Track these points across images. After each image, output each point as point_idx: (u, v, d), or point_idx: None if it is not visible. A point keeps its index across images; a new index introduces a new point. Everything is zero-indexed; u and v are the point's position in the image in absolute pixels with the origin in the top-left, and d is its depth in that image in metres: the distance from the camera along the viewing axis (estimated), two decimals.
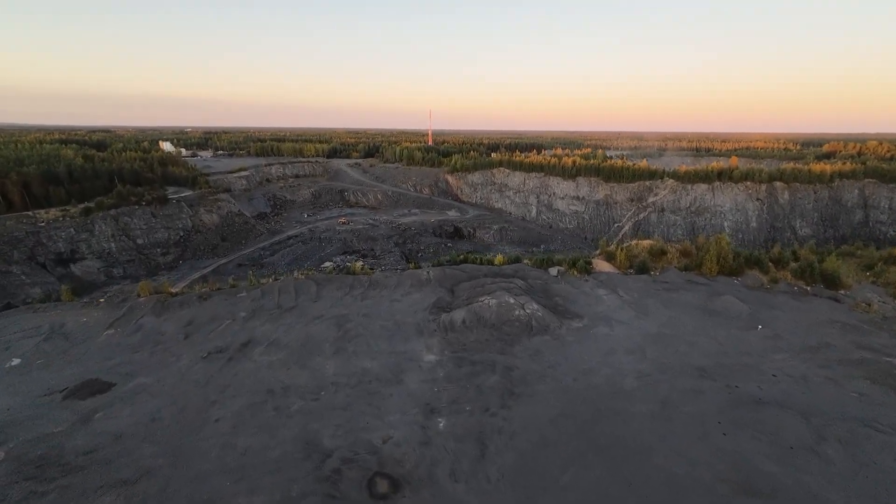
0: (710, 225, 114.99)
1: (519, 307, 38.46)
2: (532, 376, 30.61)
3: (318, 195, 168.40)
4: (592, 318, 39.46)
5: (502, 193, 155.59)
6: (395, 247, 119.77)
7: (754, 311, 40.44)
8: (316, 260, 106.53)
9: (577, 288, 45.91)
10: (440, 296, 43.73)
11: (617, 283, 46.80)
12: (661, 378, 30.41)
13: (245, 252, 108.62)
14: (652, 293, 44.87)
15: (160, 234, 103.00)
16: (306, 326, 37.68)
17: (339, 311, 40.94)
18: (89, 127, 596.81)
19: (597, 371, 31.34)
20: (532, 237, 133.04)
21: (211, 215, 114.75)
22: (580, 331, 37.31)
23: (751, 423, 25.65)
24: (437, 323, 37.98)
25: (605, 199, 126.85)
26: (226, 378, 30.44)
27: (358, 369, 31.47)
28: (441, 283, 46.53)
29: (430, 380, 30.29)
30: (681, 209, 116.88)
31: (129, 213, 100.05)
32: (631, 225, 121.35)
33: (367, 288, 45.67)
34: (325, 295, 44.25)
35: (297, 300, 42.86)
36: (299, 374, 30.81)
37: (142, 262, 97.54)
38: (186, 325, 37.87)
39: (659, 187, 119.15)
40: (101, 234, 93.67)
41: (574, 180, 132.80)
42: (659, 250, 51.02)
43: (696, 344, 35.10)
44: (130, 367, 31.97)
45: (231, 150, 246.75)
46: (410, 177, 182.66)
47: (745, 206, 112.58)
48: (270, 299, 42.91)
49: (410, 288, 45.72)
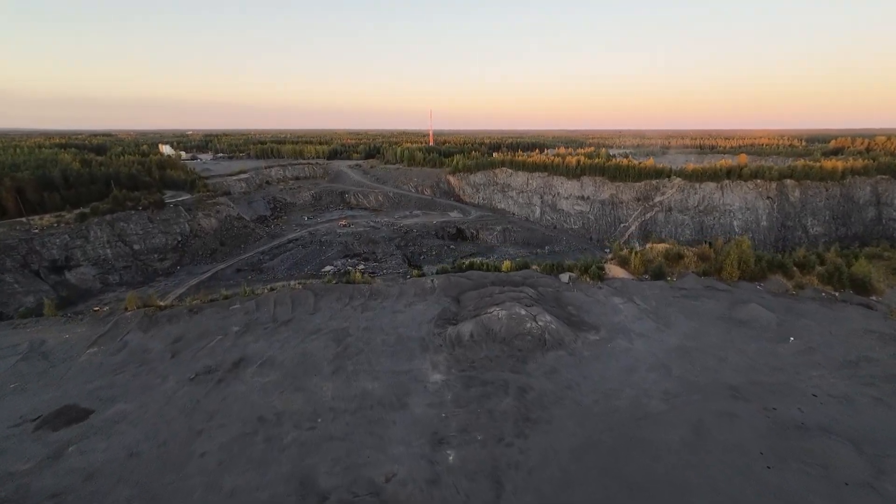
0: (718, 224, 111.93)
1: (530, 319, 35.69)
2: (549, 398, 27.84)
3: (318, 197, 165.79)
4: (610, 330, 36.66)
5: (505, 194, 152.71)
6: (396, 249, 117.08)
7: (783, 321, 37.57)
8: (316, 264, 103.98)
9: (590, 296, 43.10)
10: (445, 306, 41.00)
11: (633, 291, 43.99)
12: (691, 399, 27.61)
13: (244, 257, 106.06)
14: (671, 301, 42.04)
15: (157, 239, 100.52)
16: (303, 342, 34.99)
17: (338, 323, 38.25)
18: (91, 131, 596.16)
19: (619, 391, 28.55)
20: (536, 238, 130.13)
21: (209, 219, 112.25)
22: (597, 345, 34.51)
23: (796, 454, 22.84)
24: (443, 337, 35.25)
25: (611, 198, 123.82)
26: (214, 403, 27.77)
27: (358, 391, 28.76)
28: (446, 292, 43.80)
29: (437, 403, 27.55)
30: (689, 208, 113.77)
31: (126, 219, 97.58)
32: (637, 225, 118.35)
33: (367, 298, 42.99)
34: (323, 306, 41.57)
35: (293, 312, 40.19)
36: (294, 398, 28.11)
37: (138, 269, 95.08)
38: (175, 341, 35.23)
39: (666, 186, 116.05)
40: (96, 240, 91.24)
41: (578, 180, 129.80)
42: (675, 254, 48.17)
43: (724, 359, 32.26)
44: (111, 391, 29.33)
45: (231, 152, 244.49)
46: (412, 178, 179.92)
47: (755, 204, 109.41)
48: (265, 311, 40.26)
49: (414, 297, 43.01)
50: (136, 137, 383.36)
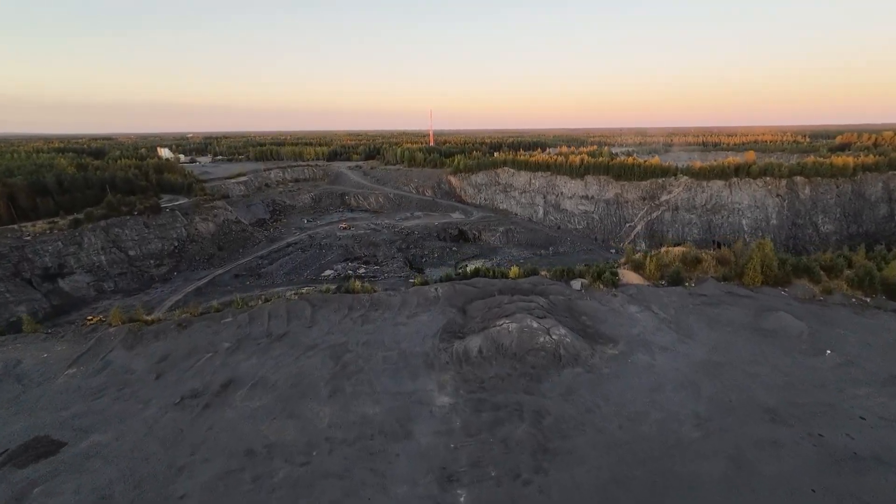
0: (727, 223, 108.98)
1: (543, 332, 32.91)
2: (568, 424, 25.06)
3: (318, 199, 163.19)
4: (629, 343, 33.86)
5: (507, 194, 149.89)
6: (398, 252, 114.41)
7: (815, 331, 34.72)
8: (316, 268, 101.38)
9: (605, 305, 40.30)
10: (451, 317, 38.25)
11: (650, 298, 41.17)
12: (726, 423, 24.80)
13: (242, 262, 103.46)
14: (691, 309, 39.21)
15: (153, 244, 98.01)
16: (298, 360, 32.27)
17: (336, 338, 35.53)
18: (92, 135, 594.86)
19: (646, 415, 25.75)
20: (540, 239, 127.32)
21: (207, 224, 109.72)
22: (617, 360, 31.71)
23: (853, 491, 20.02)
24: (449, 353, 32.50)
25: (616, 198, 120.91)
26: (198, 433, 25.06)
27: (358, 417, 26.03)
28: (451, 302, 41.04)
29: (445, 431, 24.80)
30: (696, 207, 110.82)
31: (121, 224, 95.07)
32: (644, 225, 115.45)
33: (368, 309, 40.25)
34: (320, 318, 38.85)
35: (288, 326, 37.47)
36: (287, 426, 25.37)
37: (134, 275, 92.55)
38: (160, 360, 32.54)
39: (672, 185, 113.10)
40: (90, 246, 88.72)
41: (582, 179, 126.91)
42: (693, 258, 45.31)
43: (756, 375, 29.44)
44: (88, 420, 26.64)
45: (230, 155, 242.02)
46: (412, 178, 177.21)
47: (765, 202, 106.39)
48: (259, 325, 37.56)
49: (417, 308, 40.26)
50: (136, 141, 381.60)
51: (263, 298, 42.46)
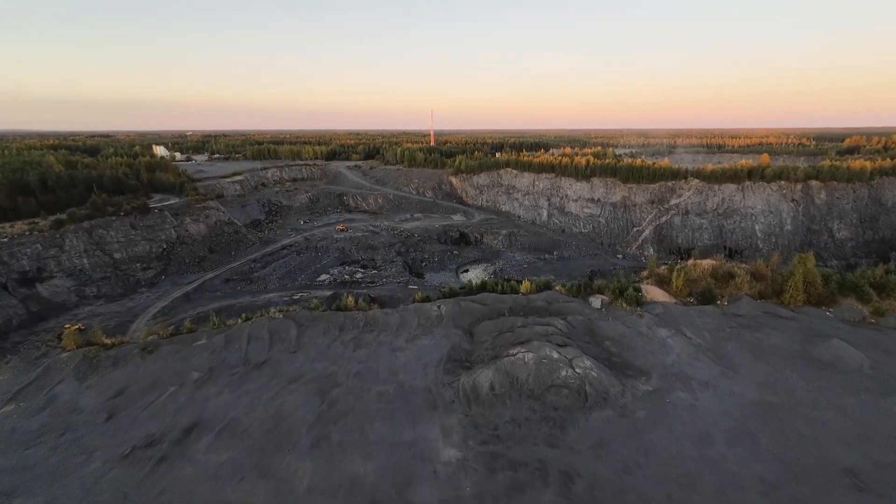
0: (739, 228, 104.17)
1: (565, 364, 27.94)
2: (605, 491, 20.07)
3: (315, 200, 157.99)
4: (663, 376, 28.91)
5: (510, 196, 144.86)
6: (397, 256, 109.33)
7: (877, 363, 29.79)
8: (311, 273, 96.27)
9: (630, 327, 35.33)
10: (456, 341, 33.26)
11: (680, 319, 36.21)
12: (801, 494, 19.81)
13: (234, 265, 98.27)
14: (728, 333, 34.27)
15: (140, 247, 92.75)
16: (277, 396, 27.25)
17: (324, 367, 30.51)
18: (90, 132, 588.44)
19: (697, 478, 20.78)
20: (544, 243, 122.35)
21: (198, 225, 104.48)
22: (652, 399, 26.75)
23: None
24: (455, 388, 27.51)
25: (623, 201, 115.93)
26: (146, 498, 20.02)
27: (345, 478, 21.00)
28: (456, 322, 36.03)
29: (453, 499, 19.83)
30: (707, 211, 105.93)
31: (106, 225, 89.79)
32: (652, 229, 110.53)
33: (361, 330, 35.22)
34: (307, 341, 33.82)
35: (270, 351, 32.43)
36: (257, 490, 20.33)
37: (119, 279, 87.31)
38: (115, 395, 27.51)
39: (682, 188, 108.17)
40: (72, 249, 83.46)
41: (588, 181, 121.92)
42: (725, 273, 40.32)
43: (822, 422, 24.49)
44: (15, 478, 21.56)
45: (227, 153, 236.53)
46: (412, 179, 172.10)
47: (779, 207, 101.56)
48: (236, 349, 32.52)
49: (417, 329, 35.24)
50: (134, 139, 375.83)
51: (244, 317, 37.33)
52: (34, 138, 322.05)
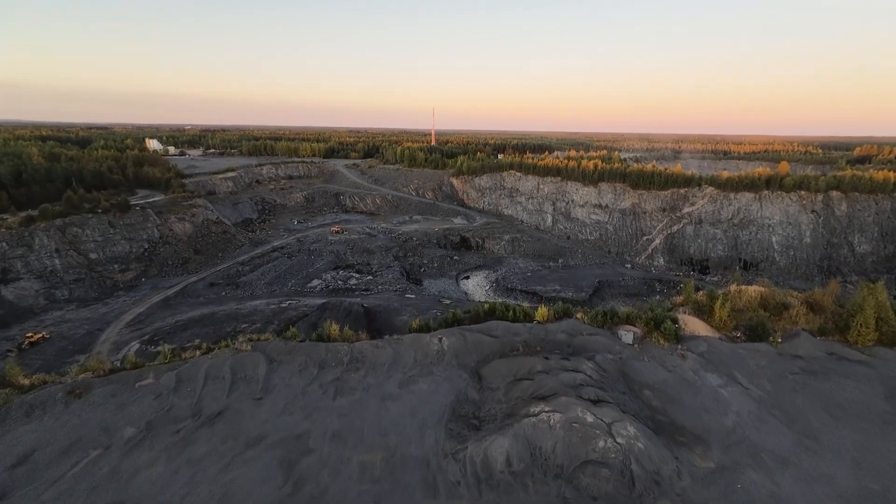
0: (755, 240, 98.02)
1: (603, 432, 21.40)
2: None
3: (311, 199, 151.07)
4: (725, 446, 22.40)
5: (513, 199, 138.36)
6: (394, 261, 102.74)
7: None
8: (302, 277, 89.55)
9: (672, 370, 28.83)
10: (461, 387, 26.70)
11: (729, 361, 29.74)
12: None
13: (220, 268, 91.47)
14: (791, 382, 27.81)
15: (119, 246, 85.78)
16: (229, 468, 20.59)
17: (294, 421, 23.88)
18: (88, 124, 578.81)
19: None
20: (548, 250, 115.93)
21: (183, 224, 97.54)
22: (717, 483, 20.24)
23: None
24: (460, 461, 20.92)
25: (633, 207, 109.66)
26: None
27: None
28: (461, 360, 29.45)
29: None
30: (721, 221, 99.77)
31: (81, 223, 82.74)
32: (663, 238, 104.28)
33: (345, 368, 28.59)
34: (277, 383, 27.16)
35: (229, 396, 25.76)
36: None
37: (94, 282, 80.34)
38: (16, 463, 20.72)
39: (696, 196, 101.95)
40: (42, 248, 76.44)
41: (596, 186, 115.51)
42: (778, 303, 33.82)
43: None
44: None
45: (223, 148, 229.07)
46: (412, 179, 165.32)
47: (798, 218, 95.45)
48: (188, 393, 25.83)
49: (414, 369, 28.64)
50: (131, 132, 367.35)
51: (205, 347, 30.56)
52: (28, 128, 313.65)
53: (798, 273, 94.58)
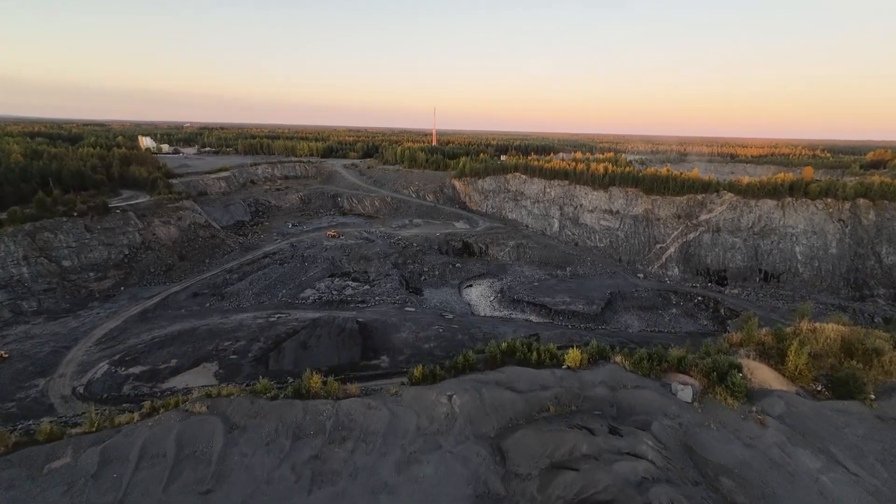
0: (777, 250, 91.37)
1: None
2: None
3: (307, 200, 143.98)
4: None
5: (518, 203, 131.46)
6: (393, 268, 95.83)
7: None
8: (294, 287, 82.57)
9: (750, 444, 22.03)
10: (479, 472, 19.90)
11: (821, 430, 22.97)
12: None
13: (206, 276, 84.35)
14: None
15: (96, 253, 78.60)
16: None
17: None
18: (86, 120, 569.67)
19: None
20: (555, 257, 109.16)
21: (167, 228, 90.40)
22: None
23: None
24: None
25: (645, 214, 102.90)
26: None
27: None
28: (477, 430, 22.59)
29: None
30: (741, 229, 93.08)
31: (54, 227, 75.55)
32: (678, 247, 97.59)
33: (328, 439, 21.71)
34: (236, 464, 20.27)
35: (167, 488, 18.84)
36: None
37: (66, 292, 73.19)
38: None
39: (714, 202, 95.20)
40: (8, 255, 69.27)
41: (606, 190, 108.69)
42: (869, 349, 27.03)
43: None
44: None
45: (219, 146, 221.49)
46: (412, 181, 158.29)
47: (824, 228, 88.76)
48: (110, 485, 18.93)
49: (416, 441, 21.79)
50: (129, 128, 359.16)
51: (149, 405, 23.66)
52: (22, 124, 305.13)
53: (823, 286, 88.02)
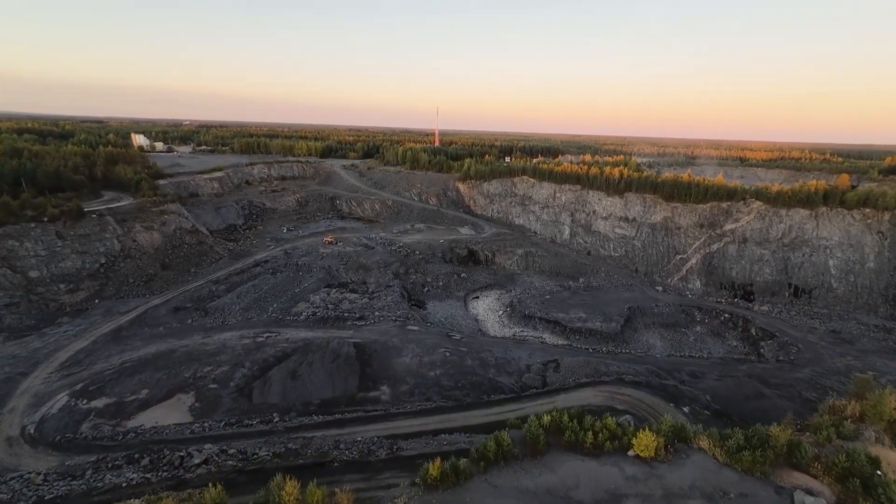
0: (808, 262, 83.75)
1: None
2: None
3: (304, 202, 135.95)
4: None
5: (525, 207, 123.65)
6: (394, 279, 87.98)
7: None
8: (287, 300, 74.68)
9: None
10: None
11: None
12: None
13: (190, 287, 76.34)
14: None
15: (68, 262, 70.64)
16: None
17: None
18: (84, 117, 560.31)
19: None
20: (567, 267, 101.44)
21: (150, 234, 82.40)
22: None
23: None
24: None
25: (664, 222, 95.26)
26: None
27: None
28: None
29: None
30: (770, 241, 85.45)
31: (20, 234, 67.65)
32: (700, 258, 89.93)
33: None
34: None
35: None
36: None
37: (32, 306, 65.21)
38: None
39: (741, 211, 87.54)
40: None
41: (622, 196, 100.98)
42: None
43: None
44: None
45: (215, 145, 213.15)
46: (415, 183, 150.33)
47: (861, 240, 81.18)
48: None
49: None
50: (128, 125, 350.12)
51: None
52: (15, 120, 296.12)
53: (859, 303, 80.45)
